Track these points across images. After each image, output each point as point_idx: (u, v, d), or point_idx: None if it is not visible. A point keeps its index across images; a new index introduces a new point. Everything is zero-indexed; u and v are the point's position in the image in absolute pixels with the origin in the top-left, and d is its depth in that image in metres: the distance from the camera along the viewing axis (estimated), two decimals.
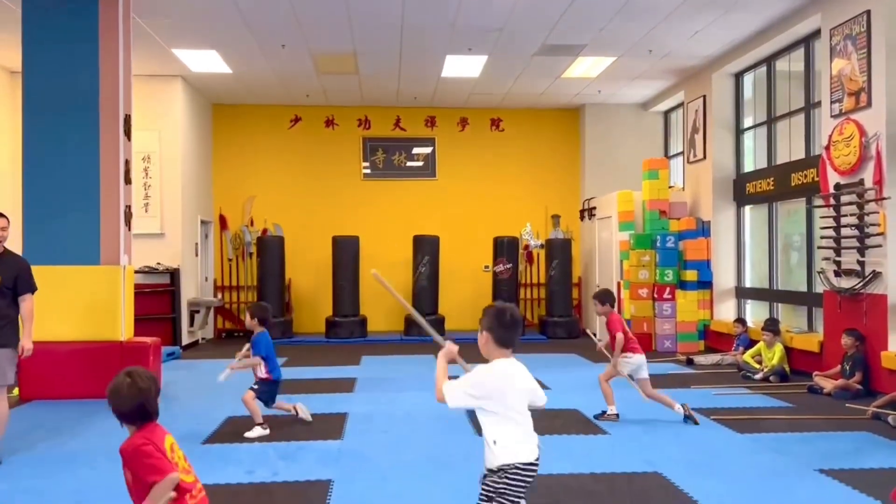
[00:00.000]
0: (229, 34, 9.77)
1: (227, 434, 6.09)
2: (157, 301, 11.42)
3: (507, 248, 13.31)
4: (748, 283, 11.16)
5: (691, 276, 11.26)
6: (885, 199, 7.54)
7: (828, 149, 8.34)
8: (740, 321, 10.20)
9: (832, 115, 8.33)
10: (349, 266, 12.98)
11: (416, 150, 14.49)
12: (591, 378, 8.39)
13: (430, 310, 13.06)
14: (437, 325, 12.98)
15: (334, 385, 8.42)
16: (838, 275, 8.18)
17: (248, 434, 5.94)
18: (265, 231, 13.55)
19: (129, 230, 8.04)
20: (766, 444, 5.71)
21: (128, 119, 7.98)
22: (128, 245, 8.02)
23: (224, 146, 13.99)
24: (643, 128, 14.26)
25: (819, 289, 8.75)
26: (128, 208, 8.01)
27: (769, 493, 4.55)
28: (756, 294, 10.87)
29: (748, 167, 11.17)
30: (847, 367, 7.77)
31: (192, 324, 12.29)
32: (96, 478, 4.91)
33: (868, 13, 7.71)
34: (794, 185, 9.50)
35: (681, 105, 12.92)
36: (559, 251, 13.28)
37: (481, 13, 9.08)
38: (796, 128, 9.81)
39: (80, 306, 7.62)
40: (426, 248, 13.18)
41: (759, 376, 8.67)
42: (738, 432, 6.08)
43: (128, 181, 8.01)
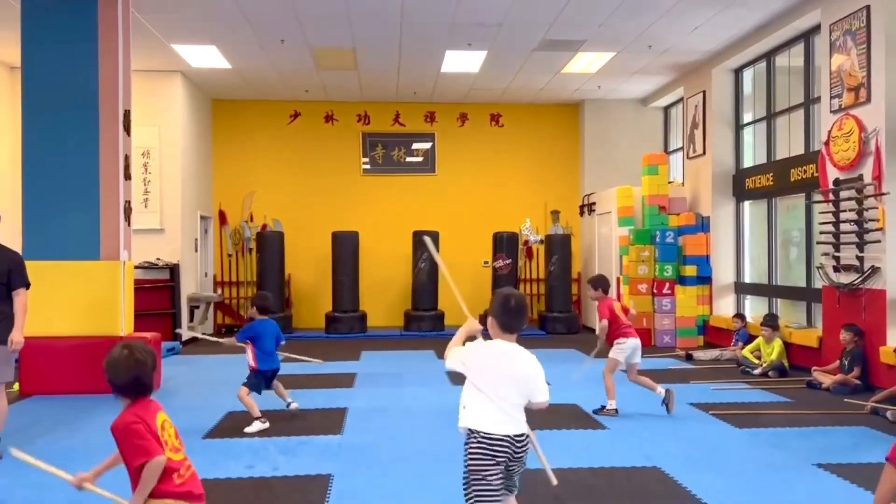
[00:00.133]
0: (228, 29, 9.76)
1: (227, 429, 6.11)
2: (156, 296, 11.44)
3: (506, 244, 13.32)
4: (747, 279, 11.18)
5: (691, 271, 11.28)
6: (884, 194, 7.55)
7: (827, 144, 8.34)
8: (739, 316, 10.21)
9: (831, 111, 8.33)
10: (349, 261, 12.99)
11: (415, 146, 14.49)
12: (590, 373, 8.41)
13: (429, 305, 13.09)
14: (437, 321, 13.02)
15: (334, 380, 8.45)
16: (837, 270, 8.19)
17: (247, 429, 5.96)
18: (265, 226, 13.55)
19: (128, 226, 8.05)
20: (764, 439, 5.73)
21: (127, 115, 7.98)
22: (127, 240, 8.03)
23: (223, 142, 13.99)
24: (643, 123, 14.26)
25: (818, 284, 8.76)
26: (127, 204, 8.02)
27: (767, 487, 4.56)
28: (755, 289, 10.89)
29: (748, 163, 11.17)
30: (846, 363, 7.79)
31: (191, 319, 12.31)
32: None
33: (868, 8, 7.71)
34: (793, 180, 9.50)
35: (680, 100, 12.91)
36: (559, 247, 13.29)
37: (481, 8, 9.07)
38: (796, 123, 9.81)
39: (81, 302, 7.63)
40: (426, 244, 13.15)
41: (758, 371, 8.69)
42: (736, 427, 6.09)
43: (127, 177, 8.02)
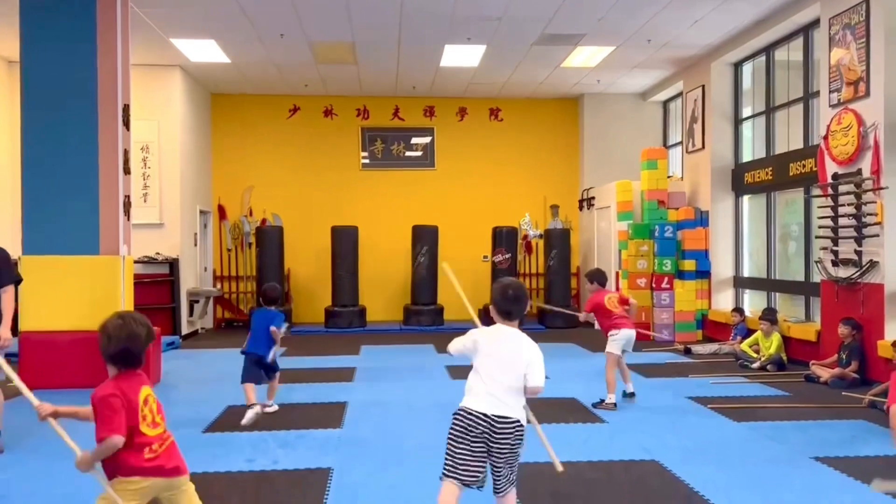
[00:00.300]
0: (227, 23, 9.74)
1: (227, 423, 6.12)
2: (156, 291, 11.46)
3: (505, 238, 13.33)
4: (746, 273, 11.19)
5: (689, 265, 11.29)
6: (882, 188, 7.56)
7: (826, 138, 8.34)
8: (738, 311, 10.23)
9: (830, 105, 8.33)
10: (348, 256, 12.99)
11: (414, 140, 14.48)
12: (588, 367, 8.44)
13: (428, 300, 13.10)
14: (436, 315, 13.04)
15: (334, 374, 8.46)
16: (836, 264, 8.21)
17: (242, 421, 5.96)
18: (264, 221, 13.56)
19: (128, 220, 8.05)
20: (762, 433, 5.75)
21: (126, 109, 7.97)
22: (127, 235, 8.03)
23: (223, 136, 13.98)
24: (642, 117, 14.25)
25: (816, 278, 8.78)
26: (127, 198, 8.02)
27: (765, 480, 4.58)
28: (754, 283, 10.90)
29: (747, 157, 11.17)
30: (844, 356, 7.81)
31: (191, 313, 12.32)
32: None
33: (867, 2, 7.70)
34: (792, 174, 9.51)
35: (680, 95, 12.90)
36: (558, 241, 13.30)
37: (480, 2, 9.05)
38: (795, 117, 9.81)
39: (80, 296, 7.63)
40: (425, 239, 13.19)
41: (756, 365, 8.71)
42: (734, 421, 6.11)
43: (127, 171, 8.01)
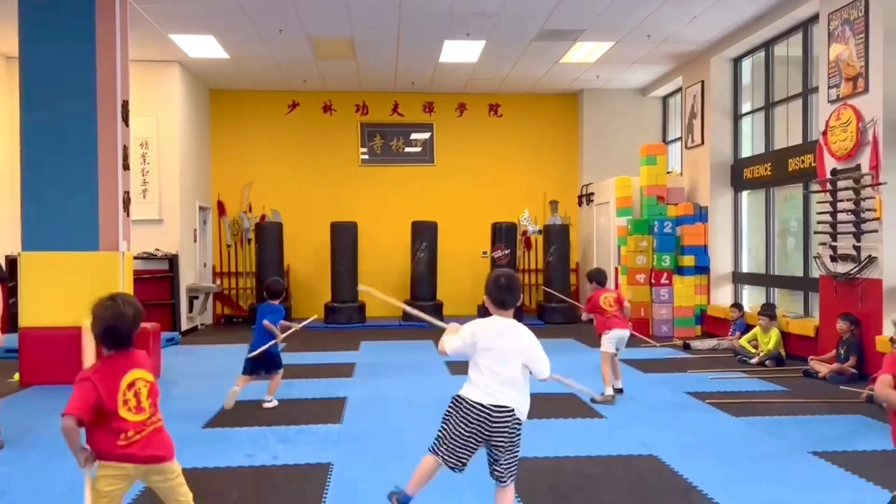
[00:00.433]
0: (226, 19, 9.73)
1: (226, 418, 6.13)
2: (156, 287, 11.46)
3: (505, 234, 13.33)
4: (745, 269, 11.20)
5: (688, 261, 11.30)
6: (881, 184, 7.57)
7: (825, 134, 8.35)
8: (737, 306, 10.24)
9: (829, 101, 8.33)
10: (347, 252, 13.00)
11: (414, 136, 14.47)
12: (588, 363, 8.45)
13: (428, 296, 13.11)
14: (436, 311, 13.02)
15: (333, 370, 8.47)
16: (834, 260, 8.22)
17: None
18: (263, 217, 13.56)
19: (127, 216, 8.05)
20: (761, 428, 5.76)
21: (125, 105, 7.96)
22: (126, 231, 8.03)
23: (222, 132, 13.97)
24: (641, 113, 14.24)
25: (815, 274, 8.79)
26: (126, 194, 8.02)
27: (763, 475, 4.60)
28: (753, 279, 10.92)
29: (746, 152, 11.18)
30: (842, 352, 7.82)
31: (191, 309, 12.33)
32: None
33: None
34: (791, 170, 9.51)
35: (679, 90, 12.90)
36: (557, 237, 13.30)
37: None
38: (794, 113, 9.81)
39: (80, 292, 7.57)
40: (424, 234, 13.20)
41: (755, 361, 8.73)
42: (733, 416, 6.13)
43: (126, 167, 8.01)
